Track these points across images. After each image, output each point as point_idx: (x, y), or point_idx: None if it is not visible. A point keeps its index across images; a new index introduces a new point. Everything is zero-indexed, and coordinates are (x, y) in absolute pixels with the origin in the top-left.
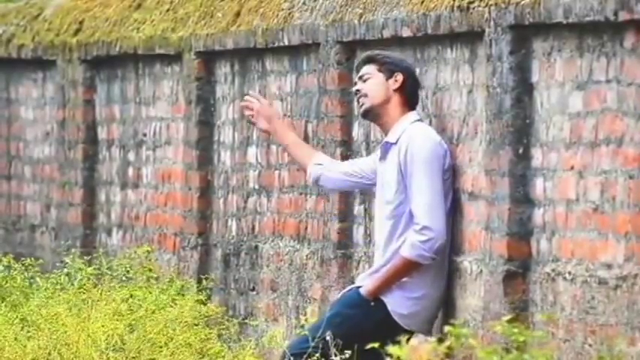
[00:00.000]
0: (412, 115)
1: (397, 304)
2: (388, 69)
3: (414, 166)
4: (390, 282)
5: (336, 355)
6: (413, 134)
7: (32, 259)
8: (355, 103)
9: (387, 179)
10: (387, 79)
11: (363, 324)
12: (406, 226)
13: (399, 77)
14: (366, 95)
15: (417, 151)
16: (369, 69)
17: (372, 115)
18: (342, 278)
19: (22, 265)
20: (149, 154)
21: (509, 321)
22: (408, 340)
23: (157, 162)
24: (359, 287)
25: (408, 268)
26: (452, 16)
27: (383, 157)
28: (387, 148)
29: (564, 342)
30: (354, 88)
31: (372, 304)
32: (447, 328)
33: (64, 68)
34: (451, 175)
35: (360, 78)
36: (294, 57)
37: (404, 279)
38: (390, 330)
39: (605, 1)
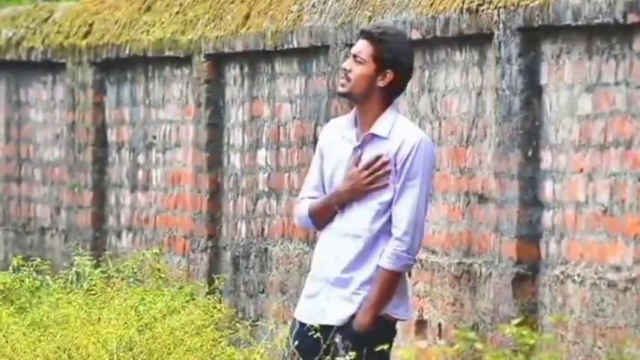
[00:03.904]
0: (393, 109)
1: (393, 305)
2: (383, 63)
3: (413, 170)
4: (385, 303)
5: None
6: (417, 136)
7: (42, 260)
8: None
9: None
10: (376, 73)
11: (382, 344)
12: (389, 223)
13: (389, 76)
14: (349, 80)
15: (422, 156)
16: (366, 51)
17: (350, 99)
18: None
19: (32, 265)
20: (159, 157)
21: (519, 323)
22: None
23: (167, 164)
24: (340, 325)
25: (395, 280)
26: (461, 18)
27: (361, 148)
28: (368, 139)
29: (573, 344)
30: (344, 65)
31: (374, 329)
32: (456, 331)
33: (73, 71)
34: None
35: (355, 57)
36: (303, 59)
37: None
38: (394, 328)
39: (614, 3)
